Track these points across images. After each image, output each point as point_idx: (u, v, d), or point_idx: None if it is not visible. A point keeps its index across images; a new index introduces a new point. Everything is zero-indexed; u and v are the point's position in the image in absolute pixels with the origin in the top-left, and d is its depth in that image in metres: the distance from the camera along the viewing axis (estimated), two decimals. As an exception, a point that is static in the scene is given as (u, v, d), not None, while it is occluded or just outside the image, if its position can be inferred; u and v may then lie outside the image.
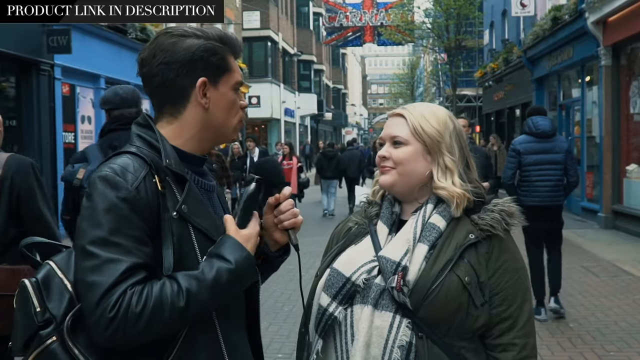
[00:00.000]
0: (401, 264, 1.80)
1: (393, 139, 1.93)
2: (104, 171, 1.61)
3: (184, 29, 1.77)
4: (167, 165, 1.66)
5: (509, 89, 23.05)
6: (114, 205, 1.56)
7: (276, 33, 36.11)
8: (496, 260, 1.84)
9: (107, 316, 1.48)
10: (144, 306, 1.50)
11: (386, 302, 1.81)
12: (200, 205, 1.72)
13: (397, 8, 34.46)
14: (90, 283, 1.51)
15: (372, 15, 38.01)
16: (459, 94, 31.15)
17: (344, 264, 1.90)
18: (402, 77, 76.29)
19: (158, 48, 1.73)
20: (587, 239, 12.12)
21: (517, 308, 1.84)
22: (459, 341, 1.81)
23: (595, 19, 13.23)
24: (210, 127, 1.78)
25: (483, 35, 30.13)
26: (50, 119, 12.65)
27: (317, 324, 1.89)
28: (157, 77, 1.73)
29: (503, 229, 1.86)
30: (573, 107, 16.74)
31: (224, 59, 1.78)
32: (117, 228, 1.54)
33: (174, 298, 1.54)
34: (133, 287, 1.52)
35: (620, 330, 6.44)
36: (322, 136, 50.59)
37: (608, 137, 13.45)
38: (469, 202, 1.89)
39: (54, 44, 12.21)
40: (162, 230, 1.61)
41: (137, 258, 1.54)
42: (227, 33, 1.82)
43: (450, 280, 1.77)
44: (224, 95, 1.78)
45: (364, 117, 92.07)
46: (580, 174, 15.73)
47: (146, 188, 1.61)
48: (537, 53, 18.13)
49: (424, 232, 1.85)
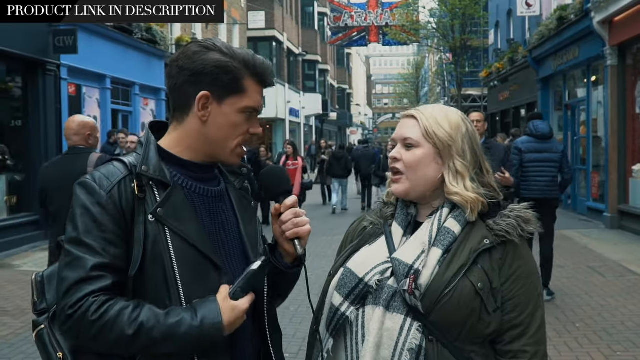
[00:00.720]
0: (413, 267, 1.80)
1: (405, 140, 1.92)
2: (85, 178, 1.74)
3: (215, 42, 1.80)
4: (141, 172, 1.73)
5: (515, 89, 23.01)
6: (87, 209, 1.68)
7: (281, 33, 36.14)
8: (510, 267, 1.83)
9: (66, 312, 1.61)
10: (98, 318, 1.60)
11: (398, 304, 1.81)
12: (182, 210, 1.75)
13: (402, 8, 34.42)
14: (61, 277, 1.66)
15: (377, 15, 37.99)
16: (464, 94, 31.12)
17: (358, 264, 1.90)
18: (407, 77, 76.25)
19: (183, 53, 1.80)
20: (593, 239, 12.10)
21: (528, 315, 1.83)
22: (470, 345, 1.80)
23: (601, 19, 13.20)
24: (206, 141, 1.81)
25: (488, 35, 30.10)
26: (56, 120, 12.69)
27: (328, 323, 1.90)
28: (172, 79, 1.81)
29: (518, 235, 1.85)
30: (579, 107, 16.70)
31: (237, 80, 1.78)
32: (88, 230, 1.66)
33: (125, 324, 1.61)
34: (97, 295, 1.62)
35: (627, 330, 6.43)
36: (326, 136, 50.55)
37: (614, 137, 13.42)
38: (484, 207, 1.88)
39: (60, 44, 12.26)
40: (135, 232, 1.69)
41: (103, 258, 1.64)
42: (257, 59, 1.81)
43: (463, 286, 1.77)
44: (226, 115, 1.79)
45: (369, 117, 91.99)
46: (587, 174, 15.73)
47: (120, 192, 1.70)
48: (543, 53, 18.10)
49: (438, 236, 1.84)
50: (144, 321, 1.61)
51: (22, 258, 10.80)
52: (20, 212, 12.01)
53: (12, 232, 11.32)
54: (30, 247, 11.37)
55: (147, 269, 1.68)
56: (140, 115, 17.39)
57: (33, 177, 12.02)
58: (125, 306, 1.62)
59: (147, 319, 1.62)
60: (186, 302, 1.69)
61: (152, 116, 18.47)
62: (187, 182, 1.81)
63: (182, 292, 1.70)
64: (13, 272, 9.77)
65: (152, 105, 18.58)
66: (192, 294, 1.70)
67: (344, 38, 40.23)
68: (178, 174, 1.80)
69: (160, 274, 1.68)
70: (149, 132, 1.85)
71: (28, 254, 11.02)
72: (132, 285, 1.68)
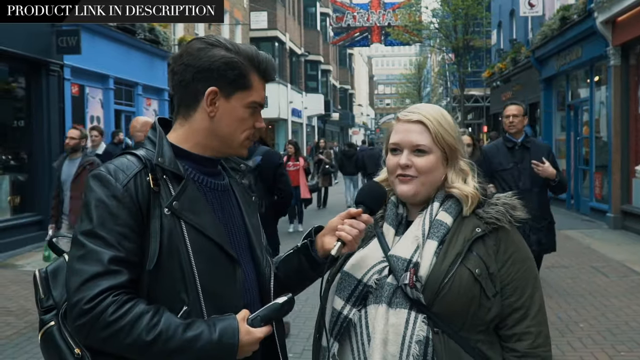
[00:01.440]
0: (412, 260, 1.83)
1: (415, 147, 1.93)
2: (99, 170, 1.73)
3: (218, 39, 1.82)
4: (158, 163, 1.73)
5: (517, 89, 22.98)
6: (102, 202, 1.66)
7: (283, 33, 36.13)
8: (504, 252, 1.87)
9: (82, 307, 1.57)
10: (116, 320, 1.57)
11: (400, 299, 1.83)
12: (196, 203, 1.76)
13: (405, 8, 34.42)
14: (74, 269, 1.63)
15: (380, 16, 37.99)
16: (466, 94, 31.09)
17: (354, 266, 1.92)
18: (409, 77, 76.18)
19: (187, 50, 1.81)
20: (596, 239, 12.09)
21: (528, 297, 1.87)
22: (475, 334, 1.83)
23: (605, 19, 13.18)
24: (215, 136, 1.83)
25: (491, 35, 30.07)
26: (59, 120, 12.73)
27: (331, 328, 1.91)
28: (177, 76, 1.81)
29: (508, 221, 1.89)
30: (581, 107, 16.68)
31: (244, 76, 1.80)
32: (102, 222, 1.64)
33: (144, 330, 1.59)
34: (117, 293, 1.59)
35: (630, 330, 6.43)
36: (329, 136, 50.57)
37: (617, 138, 13.41)
38: (479, 201, 1.92)
39: (63, 45, 12.29)
40: (151, 226, 1.68)
41: (118, 252, 1.63)
42: (261, 55, 1.85)
43: (461, 273, 1.80)
44: (233, 109, 1.81)
45: (371, 117, 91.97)
46: (590, 174, 15.72)
47: (136, 186, 1.70)
48: (546, 53, 18.08)
49: (432, 228, 1.88)
50: (163, 330, 1.60)
51: (26, 258, 10.81)
52: (24, 212, 12.03)
53: (15, 232, 11.34)
54: (34, 247, 11.37)
55: (164, 263, 1.68)
56: (142, 115, 17.36)
57: (36, 177, 12.07)
58: (145, 310, 1.61)
59: (167, 328, 1.60)
60: (203, 294, 1.70)
61: (154, 116, 18.47)
62: (198, 176, 1.83)
63: (199, 284, 1.70)
64: (16, 272, 9.78)
65: (155, 105, 18.60)
66: (209, 286, 1.71)
67: (346, 38, 40.25)
68: (189, 167, 1.82)
69: (177, 267, 1.68)
70: (159, 127, 1.85)
71: (31, 254, 11.03)
72: (147, 279, 1.67)
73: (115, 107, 15.68)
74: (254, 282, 1.89)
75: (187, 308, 1.68)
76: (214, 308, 1.72)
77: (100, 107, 15.12)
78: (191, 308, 1.69)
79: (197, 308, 1.70)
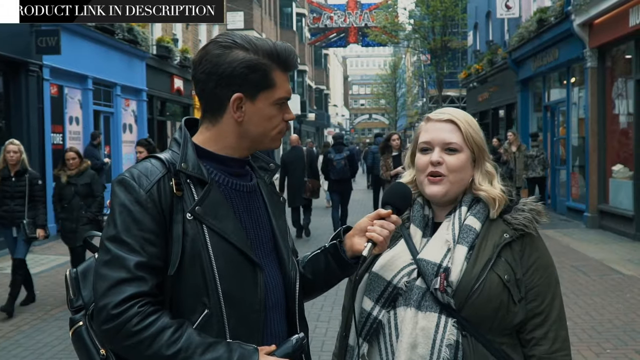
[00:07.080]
0: (442, 265, 1.85)
1: (447, 145, 1.96)
2: (123, 175, 1.73)
3: (234, 39, 1.77)
4: (180, 169, 1.73)
5: (494, 90, 23.22)
6: (126, 207, 1.68)
7: (260, 34, 36.03)
8: (529, 258, 1.91)
9: (110, 311, 1.60)
10: (139, 331, 1.59)
11: (429, 303, 1.85)
12: (219, 208, 1.75)
13: (382, 9, 34.56)
14: (100, 274, 1.65)
15: (357, 17, 38.14)
16: (442, 95, 31.29)
17: (383, 267, 1.94)
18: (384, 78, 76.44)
19: (204, 56, 1.77)
20: (574, 239, 12.29)
21: (548, 303, 1.91)
22: (500, 337, 1.87)
23: (582, 21, 13.39)
24: (245, 138, 1.82)
25: (467, 36, 30.28)
26: (38, 120, 12.57)
27: (360, 328, 1.93)
28: (200, 84, 1.79)
29: (534, 228, 1.94)
30: (558, 108, 16.92)
31: (267, 75, 1.77)
32: (126, 228, 1.65)
33: (164, 344, 1.60)
34: (142, 303, 1.61)
35: (615, 328, 6.56)
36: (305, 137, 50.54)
37: (594, 138, 13.62)
38: (506, 203, 1.95)
39: (42, 45, 12.13)
40: (173, 230, 1.69)
41: (142, 257, 1.64)
42: (279, 47, 1.80)
43: (491, 279, 1.83)
44: (260, 110, 1.79)
45: (346, 117, 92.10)
46: (566, 174, 15.94)
47: (159, 191, 1.70)
48: (523, 54, 18.29)
49: (461, 233, 1.90)
50: (183, 347, 1.60)
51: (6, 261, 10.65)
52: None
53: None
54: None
55: (186, 267, 1.68)
56: (121, 116, 17.25)
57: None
58: (168, 325, 1.62)
59: (187, 346, 1.61)
60: (224, 299, 1.70)
61: (133, 117, 18.33)
62: (224, 178, 1.82)
63: (221, 288, 1.70)
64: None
65: (134, 106, 18.44)
66: (230, 290, 1.71)
67: (323, 39, 40.33)
68: (214, 170, 1.80)
69: (199, 272, 1.69)
70: (185, 130, 1.84)
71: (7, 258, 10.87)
72: (169, 283, 1.68)
73: (94, 107, 15.51)
74: (280, 285, 1.89)
75: (209, 311, 1.70)
76: (235, 312, 1.73)
77: (79, 107, 14.96)
78: (212, 312, 1.70)
79: (218, 312, 1.71)
